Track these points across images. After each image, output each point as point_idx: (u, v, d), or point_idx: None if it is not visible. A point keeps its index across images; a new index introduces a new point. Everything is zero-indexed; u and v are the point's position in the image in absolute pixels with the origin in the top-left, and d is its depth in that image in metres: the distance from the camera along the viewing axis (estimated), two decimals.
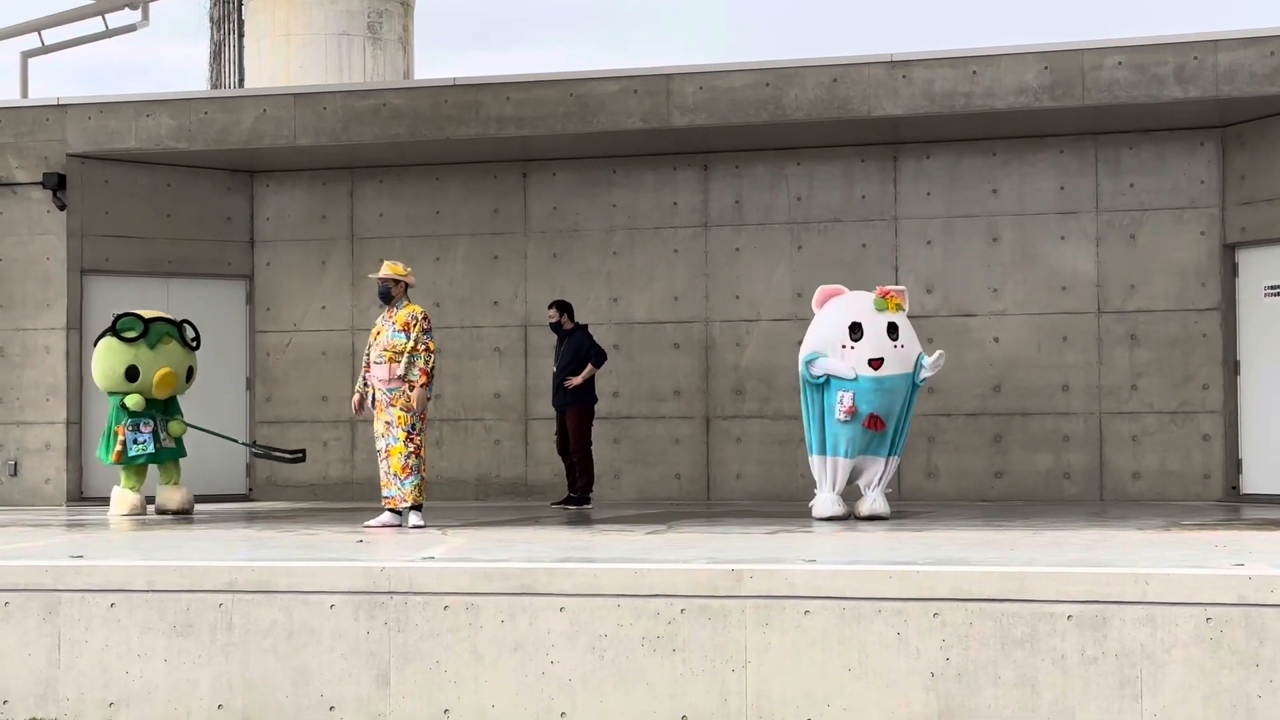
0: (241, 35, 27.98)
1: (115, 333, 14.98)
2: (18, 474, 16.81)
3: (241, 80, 28.34)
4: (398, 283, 12.92)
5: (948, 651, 8.16)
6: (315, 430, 17.58)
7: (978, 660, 8.13)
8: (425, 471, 12.91)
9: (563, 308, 15.93)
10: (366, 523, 12.85)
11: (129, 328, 14.96)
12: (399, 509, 12.77)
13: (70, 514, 15.30)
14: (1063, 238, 16.28)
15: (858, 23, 57.38)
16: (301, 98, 16.76)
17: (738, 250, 16.91)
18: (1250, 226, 15.67)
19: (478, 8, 57.87)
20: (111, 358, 14.98)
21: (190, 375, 15.30)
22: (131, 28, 21.12)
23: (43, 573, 9.13)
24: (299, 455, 15.52)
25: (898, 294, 13.48)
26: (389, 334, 12.78)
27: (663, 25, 59.30)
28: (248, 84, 26.49)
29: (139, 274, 17.10)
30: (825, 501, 13.35)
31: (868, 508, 13.37)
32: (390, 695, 8.69)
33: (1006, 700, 8.10)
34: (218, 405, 16.96)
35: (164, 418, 15.01)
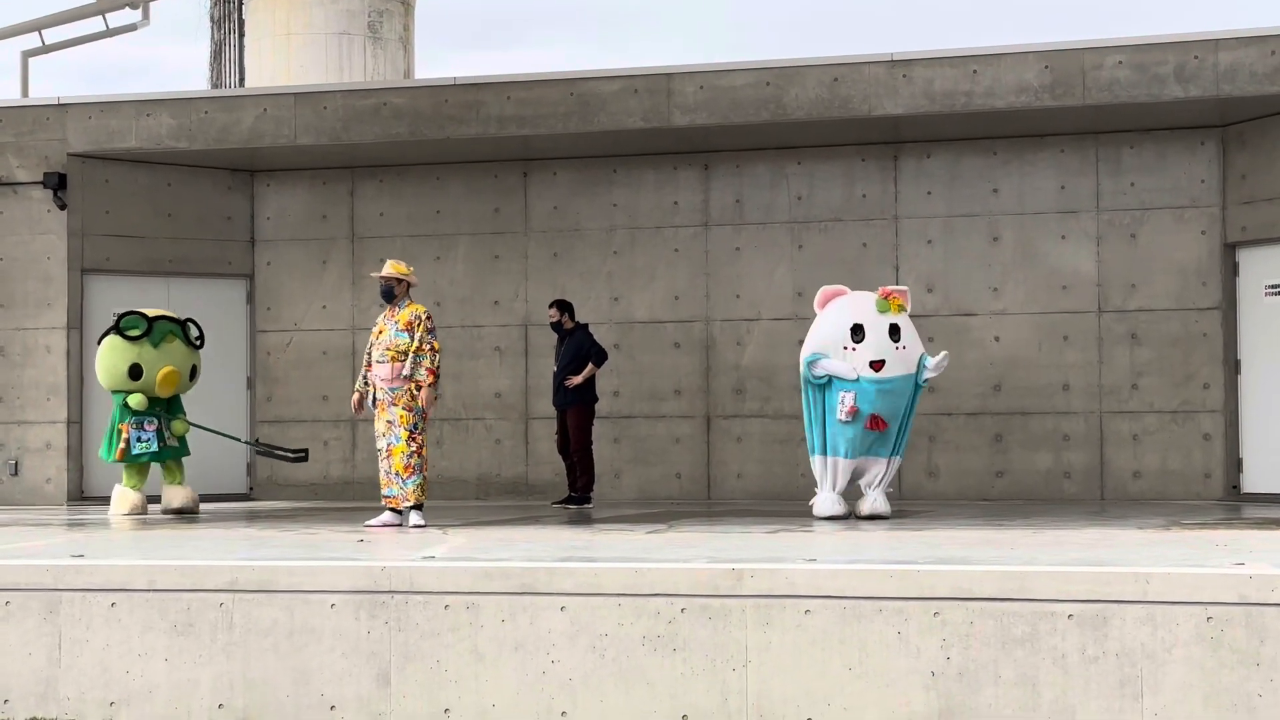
0: (242, 35, 27.96)
1: (119, 331, 14.97)
2: (18, 473, 16.81)
3: (242, 80, 28.32)
4: (400, 282, 12.91)
5: (948, 651, 8.16)
6: (316, 430, 17.58)
7: (978, 659, 8.13)
8: (427, 471, 12.92)
9: (563, 307, 15.92)
10: (367, 522, 12.85)
11: (133, 326, 14.95)
12: (400, 508, 12.77)
13: (71, 513, 15.29)
14: (1063, 237, 16.28)
15: (858, 23, 57.41)
16: (302, 97, 16.76)
17: (738, 249, 16.91)
18: (1251, 226, 15.67)
19: (478, 8, 57.90)
20: (115, 356, 14.96)
21: (194, 374, 15.29)
22: (132, 27, 21.11)
23: (43, 572, 9.13)
24: (301, 454, 15.51)
25: (900, 295, 13.45)
26: (391, 333, 12.77)
27: (663, 25, 59.33)
28: (248, 83, 26.47)
29: (140, 273, 17.10)
30: (826, 501, 13.34)
31: (868, 507, 13.37)
32: (391, 695, 8.69)
33: (1007, 699, 8.10)
34: (218, 405, 16.94)
35: (167, 416, 15.00)
